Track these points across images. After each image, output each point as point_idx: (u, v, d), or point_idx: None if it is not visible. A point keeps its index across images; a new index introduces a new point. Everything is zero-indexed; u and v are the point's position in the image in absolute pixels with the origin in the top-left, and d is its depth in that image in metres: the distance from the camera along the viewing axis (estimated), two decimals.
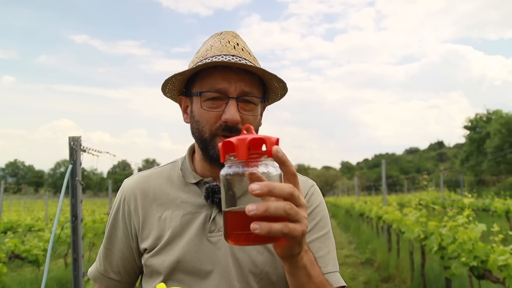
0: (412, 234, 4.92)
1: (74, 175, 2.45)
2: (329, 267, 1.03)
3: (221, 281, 1.00)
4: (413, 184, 27.18)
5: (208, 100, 1.00)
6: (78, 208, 2.48)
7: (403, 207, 10.14)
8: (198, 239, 1.02)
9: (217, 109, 0.99)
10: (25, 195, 41.65)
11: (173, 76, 1.02)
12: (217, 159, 1.00)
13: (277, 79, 1.03)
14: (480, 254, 3.25)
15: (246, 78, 1.00)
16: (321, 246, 1.05)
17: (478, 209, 10.37)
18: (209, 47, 1.05)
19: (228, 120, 0.97)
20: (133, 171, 9.93)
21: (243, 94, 1.00)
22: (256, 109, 1.04)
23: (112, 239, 1.13)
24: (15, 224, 9.88)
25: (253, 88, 1.02)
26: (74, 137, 2.46)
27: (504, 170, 31.42)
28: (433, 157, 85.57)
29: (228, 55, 1.00)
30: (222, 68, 0.99)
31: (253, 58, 1.06)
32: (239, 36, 1.09)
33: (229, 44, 1.04)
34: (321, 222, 1.08)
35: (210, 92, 0.99)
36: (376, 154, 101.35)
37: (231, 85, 0.98)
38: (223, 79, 0.99)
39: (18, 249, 5.53)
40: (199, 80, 1.02)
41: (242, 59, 0.99)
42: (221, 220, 1.02)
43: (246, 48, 1.07)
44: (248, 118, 1.01)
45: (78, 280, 2.47)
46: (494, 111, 38.94)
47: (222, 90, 0.99)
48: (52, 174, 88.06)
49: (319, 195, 1.14)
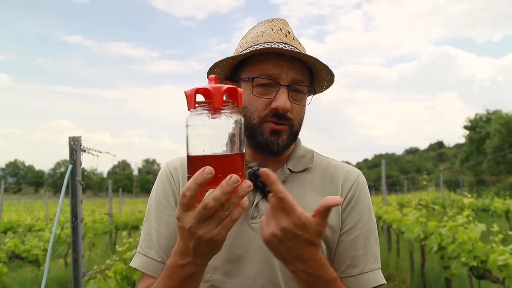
0: (412, 234, 4.93)
1: (74, 175, 2.45)
2: (368, 265, 1.01)
3: (261, 269, 0.98)
4: (413, 184, 27.20)
5: (259, 86, 0.99)
6: (78, 208, 2.48)
7: (403, 207, 10.15)
8: (239, 225, 1.00)
9: (267, 96, 0.98)
10: (25, 195, 41.69)
11: (223, 60, 1.01)
12: (264, 146, 1.00)
13: (327, 71, 1.02)
14: (480, 254, 3.25)
15: (297, 67, 0.99)
16: (363, 244, 1.02)
17: (478, 209, 10.36)
18: (260, 33, 1.03)
19: (280, 108, 0.96)
20: (133, 171, 9.86)
21: (295, 82, 0.99)
22: (305, 98, 1.03)
23: (161, 218, 1.04)
24: (15, 224, 9.87)
25: (304, 77, 1.01)
26: (74, 137, 2.46)
27: (504, 170, 31.41)
28: (433, 157, 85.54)
29: (280, 43, 0.99)
30: (274, 55, 0.97)
31: (302, 48, 1.05)
32: (289, 25, 1.08)
33: (281, 31, 1.03)
34: (365, 217, 1.04)
35: (262, 78, 0.98)
36: (376, 154, 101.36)
37: (283, 72, 0.97)
38: (275, 66, 0.97)
39: (18, 249, 5.53)
40: (250, 66, 1.01)
41: (294, 48, 0.99)
42: (264, 206, 1.01)
43: (296, 38, 1.05)
44: (297, 107, 1.00)
45: (78, 280, 2.47)
46: (494, 111, 38.93)
47: (275, 76, 0.97)
48: (52, 174, 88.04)
49: (364, 187, 1.09)
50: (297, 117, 1.02)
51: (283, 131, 1.00)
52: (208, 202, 0.67)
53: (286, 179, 1.06)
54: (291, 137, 1.02)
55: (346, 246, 1.02)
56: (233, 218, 0.71)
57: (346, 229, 1.03)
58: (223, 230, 0.71)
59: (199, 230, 0.70)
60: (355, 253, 1.01)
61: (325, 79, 1.07)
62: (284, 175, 1.06)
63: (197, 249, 0.74)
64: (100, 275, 3.06)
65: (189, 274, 0.79)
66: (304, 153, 1.11)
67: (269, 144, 0.99)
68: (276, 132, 0.99)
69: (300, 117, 1.03)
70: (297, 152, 1.10)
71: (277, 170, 1.06)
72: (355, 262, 1.01)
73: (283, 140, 1.00)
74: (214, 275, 0.99)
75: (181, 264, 0.78)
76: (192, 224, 0.70)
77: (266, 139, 0.99)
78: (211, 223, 0.70)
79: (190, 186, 0.68)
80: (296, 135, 1.04)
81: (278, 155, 1.04)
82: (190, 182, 0.67)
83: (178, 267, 0.79)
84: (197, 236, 0.71)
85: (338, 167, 1.11)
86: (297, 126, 1.03)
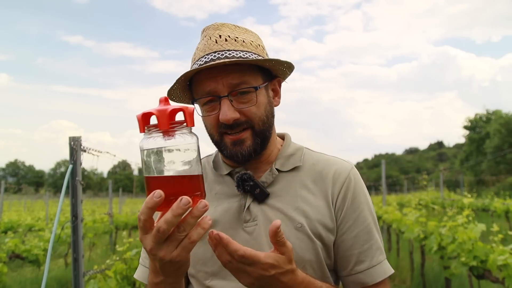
0: (411, 234, 4.93)
1: (74, 175, 2.45)
2: (375, 258, 1.01)
3: None
4: (413, 184, 27.23)
5: (205, 104, 1.00)
6: (78, 208, 2.48)
7: (403, 207, 10.15)
8: (233, 229, 1.01)
9: (214, 112, 0.98)
10: (25, 195, 41.68)
11: (170, 89, 1.01)
12: (230, 158, 1.01)
13: (265, 61, 0.99)
14: (479, 254, 3.25)
15: (233, 71, 0.96)
16: (367, 238, 1.02)
17: (478, 209, 10.35)
18: (196, 48, 1.03)
19: (224, 121, 0.96)
20: (133, 171, 9.78)
21: (233, 88, 0.96)
22: (254, 95, 0.98)
23: None
24: (15, 224, 9.88)
25: (244, 77, 0.97)
26: (74, 137, 2.46)
27: (503, 170, 31.39)
28: (432, 157, 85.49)
29: (210, 53, 0.97)
30: (207, 69, 0.96)
31: (241, 44, 0.99)
32: (223, 26, 1.02)
33: (210, 40, 1.00)
34: (363, 211, 1.03)
35: (203, 98, 0.98)
36: (376, 154, 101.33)
37: (218, 84, 0.96)
38: (210, 81, 0.96)
39: (18, 249, 5.53)
40: (194, 87, 1.02)
41: (225, 52, 0.96)
42: (256, 209, 1.02)
43: (232, 35, 1.00)
44: (250, 109, 0.98)
45: (78, 280, 2.47)
46: (493, 111, 38.91)
47: (212, 92, 0.96)
48: (53, 174, 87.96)
49: (358, 181, 1.06)
50: (255, 117, 0.99)
51: (244, 138, 0.99)
52: (161, 226, 0.68)
53: (275, 180, 1.05)
54: (257, 139, 1.00)
55: (350, 244, 1.01)
56: (192, 240, 0.71)
57: (347, 227, 1.02)
58: (182, 252, 0.72)
59: (159, 252, 0.72)
60: (360, 249, 1.01)
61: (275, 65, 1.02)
62: (273, 176, 1.05)
63: (163, 269, 0.76)
64: (100, 275, 3.07)
65: None
66: (294, 151, 1.10)
67: (233, 155, 1.00)
68: (237, 142, 0.99)
69: (259, 115, 0.99)
70: (286, 150, 1.10)
71: (266, 171, 1.06)
72: (361, 258, 1.01)
73: (248, 147, 0.99)
74: (212, 280, 1.00)
75: (156, 282, 0.82)
76: (152, 246, 0.71)
77: (230, 151, 1.00)
78: (169, 244, 0.71)
79: (143, 210, 0.69)
80: (262, 134, 1.01)
81: (249, 162, 1.03)
82: (143, 206, 0.69)
83: (154, 285, 0.83)
84: (159, 258, 0.72)
85: (329, 162, 1.09)
86: (260, 125, 1.00)
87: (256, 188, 1.01)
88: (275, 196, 1.03)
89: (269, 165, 1.07)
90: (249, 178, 1.01)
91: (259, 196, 1.02)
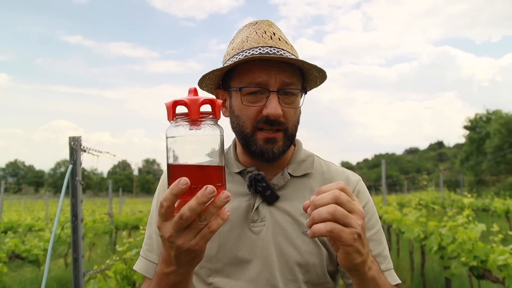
0: (412, 234, 4.93)
1: (74, 175, 2.45)
2: (384, 265, 1.02)
3: (262, 271, 0.99)
4: (413, 184, 27.22)
5: (248, 94, 0.98)
6: (78, 208, 2.48)
7: (403, 207, 10.16)
8: (240, 228, 1.01)
9: (258, 104, 0.97)
10: (25, 195, 41.71)
11: (210, 72, 1.00)
12: (259, 155, 1.00)
13: (316, 69, 1.00)
14: (479, 254, 3.25)
15: (285, 69, 0.97)
16: (376, 245, 1.03)
17: (478, 209, 10.36)
18: (245, 38, 1.02)
19: (270, 115, 0.95)
20: (133, 171, 9.81)
21: (284, 86, 0.97)
22: (297, 100, 1.02)
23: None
24: (15, 224, 9.87)
25: (293, 79, 0.99)
26: (74, 137, 2.46)
27: (503, 170, 31.40)
28: (433, 157, 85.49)
29: (265, 47, 0.97)
30: (260, 61, 0.96)
31: (290, 48, 1.02)
32: (274, 25, 1.05)
33: (265, 34, 1.01)
34: (372, 219, 1.05)
35: (251, 87, 0.97)
36: (376, 154, 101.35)
37: (271, 77, 0.96)
38: (262, 72, 0.96)
39: (18, 249, 5.53)
40: (238, 74, 1.00)
41: (280, 50, 0.98)
42: (264, 210, 1.02)
43: (283, 37, 1.03)
44: (289, 111, 0.99)
45: (78, 280, 2.47)
46: (493, 111, 38.91)
47: (263, 84, 0.96)
48: (52, 174, 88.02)
49: (366, 192, 1.10)
50: (291, 120, 1.01)
51: (277, 138, 0.99)
52: (184, 212, 0.68)
53: (286, 184, 1.06)
54: (287, 142, 1.02)
55: None
56: (212, 229, 0.71)
57: None
58: (201, 241, 0.72)
59: (177, 239, 0.71)
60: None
61: (317, 77, 1.06)
62: (284, 179, 1.06)
63: (178, 258, 0.75)
64: (100, 275, 3.07)
65: (174, 282, 0.81)
66: (305, 157, 1.11)
67: (264, 153, 0.99)
68: (270, 140, 0.99)
69: (294, 120, 1.02)
70: (298, 156, 1.10)
71: (278, 174, 1.07)
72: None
73: (279, 147, 1.00)
74: (215, 278, 1.01)
75: (166, 272, 0.80)
76: (171, 233, 0.71)
77: (260, 148, 0.99)
78: (189, 233, 0.71)
79: (167, 197, 0.68)
80: (292, 139, 1.03)
81: (274, 162, 1.03)
82: (167, 192, 0.68)
83: (164, 275, 0.81)
84: (176, 246, 0.72)
85: (338, 172, 1.11)
86: (292, 129, 1.02)
87: (267, 189, 1.02)
88: (284, 200, 1.04)
89: (280, 169, 1.08)
90: (262, 179, 1.02)
91: (269, 198, 1.02)
